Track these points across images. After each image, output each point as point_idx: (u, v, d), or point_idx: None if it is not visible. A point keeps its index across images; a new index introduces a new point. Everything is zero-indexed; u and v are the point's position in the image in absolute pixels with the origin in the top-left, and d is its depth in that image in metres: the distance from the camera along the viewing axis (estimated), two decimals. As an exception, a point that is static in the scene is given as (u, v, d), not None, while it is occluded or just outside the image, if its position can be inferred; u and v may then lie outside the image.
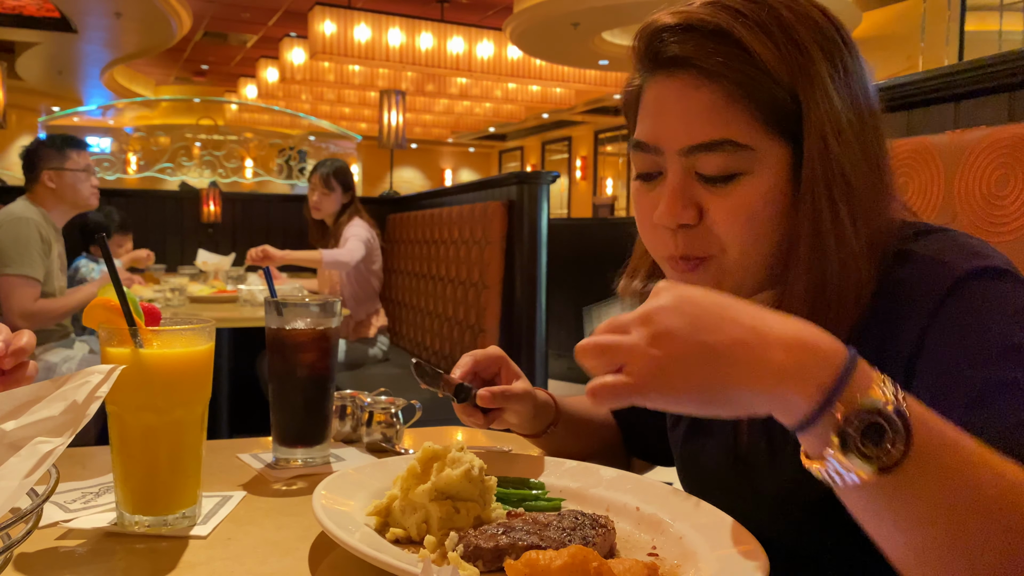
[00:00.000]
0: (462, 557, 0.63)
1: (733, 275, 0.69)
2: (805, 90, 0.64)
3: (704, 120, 0.65)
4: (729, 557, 0.63)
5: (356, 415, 1.04)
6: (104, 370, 0.60)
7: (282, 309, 0.92)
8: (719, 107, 0.65)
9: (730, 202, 0.66)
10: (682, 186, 0.67)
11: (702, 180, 0.67)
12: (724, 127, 0.65)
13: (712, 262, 0.68)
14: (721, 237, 0.67)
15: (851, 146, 0.65)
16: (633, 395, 0.49)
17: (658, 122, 0.69)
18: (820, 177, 0.65)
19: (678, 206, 0.67)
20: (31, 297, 2.62)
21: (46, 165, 2.78)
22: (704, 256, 0.68)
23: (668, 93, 0.68)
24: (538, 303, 2.86)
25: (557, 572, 0.52)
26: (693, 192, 0.67)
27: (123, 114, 13.06)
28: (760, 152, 0.65)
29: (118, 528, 0.70)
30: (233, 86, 13.33)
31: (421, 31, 8.43)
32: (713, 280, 0.69)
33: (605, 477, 0.81)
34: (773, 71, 0.64)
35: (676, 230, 0.68)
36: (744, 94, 0.64)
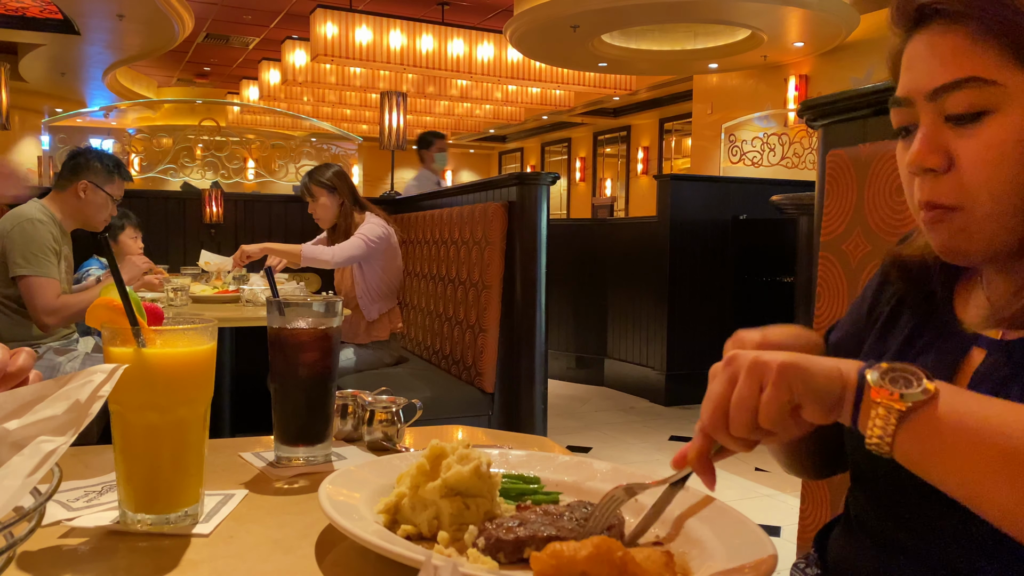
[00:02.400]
0: (483, 550, 0.63)
1: (981, 231, 0.66)
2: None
3: (948, 61, 0.65)
4: (738, 546, 0.63)
5: (357, 414, 1.04)
6: (107, 369, 0.60)
7: (284, 309, 0.92)
8: (963, 48, 0.64)
9: (979, 142, 0.64)
10: (931, 130, 0.66)
11: (952, 123, 0.65)
12: (968, 65, 0.64)
13: (960, 214, 0.66)
14: (970, 185, 0.65)
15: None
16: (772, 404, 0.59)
17: (909, 75, 0.69)
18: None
19: (926, 150, 0.66)
20: (53, 294, 2.63)
21: (90, 177, 2.79)
22: (951, 206, 0.66)
23: (918, 46, 0.68)
24: (538, 303, 2.87)
25: (583, 562, 0.53)
26: (943, 138, 0.66)
27: (126, 115, 13.07)
28: (1010, 88, 0.63)
29: (121, 526, 0.71)
30: (235, 88, 13.34)
31: (422, 33, 8.44)
32: (961, 233, 0.66)
33: (599, 470, 0.82)
34: (1020, 5, 0.62)
35: (924, 176, 0.67)
36: (990, 31, 0.63)
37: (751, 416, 0.60)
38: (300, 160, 6.74)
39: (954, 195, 0.66)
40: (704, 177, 7.71)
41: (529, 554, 0.60)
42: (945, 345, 0.73)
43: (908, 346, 0.76)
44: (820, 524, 0.97)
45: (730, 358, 0.61)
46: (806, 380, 0.59)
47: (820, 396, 0.59)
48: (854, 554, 0.76)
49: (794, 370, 0.59)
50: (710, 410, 0.62)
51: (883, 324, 0.81)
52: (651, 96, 11.88)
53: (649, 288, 5.22)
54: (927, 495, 0.64)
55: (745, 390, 0.60)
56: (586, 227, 6.28)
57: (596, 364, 5.78)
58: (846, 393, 0.59)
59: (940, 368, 0.71)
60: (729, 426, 0.61)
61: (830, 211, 1.19)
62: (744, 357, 0.61)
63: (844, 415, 0.59)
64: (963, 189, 0.65)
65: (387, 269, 3.26)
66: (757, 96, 9.18)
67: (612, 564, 0.54)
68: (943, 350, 0.73)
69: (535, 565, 0.54)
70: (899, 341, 0.77)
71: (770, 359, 0.59)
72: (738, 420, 0.60)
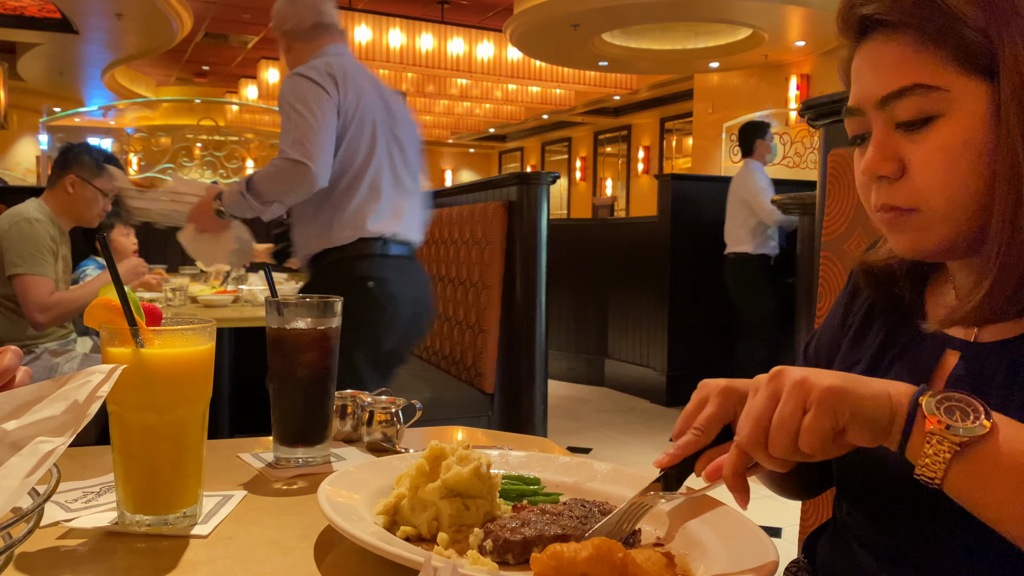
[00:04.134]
0: (491, 551, 0.63)
1: (937, 230, 0.67)
2: (999, 24, 0.63)
3: (893, 69, 0.66)
4: (738, 546, 0.63)
5: (357, 414, 1.04)
6: (105, 370, 0.60)
7: (283, 309, 0.92)
8: (906, 56, 0.65)
9: (929, 147, 0.65)
10: (883, 139, 0.68)
11: (902, 130, 0.67)
12: (912, 73, 0.65)
13: (917, 215, 0.67)
14: (924, 188, 0.66)
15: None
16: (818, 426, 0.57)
17: (858, 85, 0.70)
18: (1016, 113, 0.63)
19: (878, 158, 0.67)
20: (47, 291, 2.63)
21: (78, 171, 2.78)
22: (907, 208, 0.67)
23: (865, 56, 0.69)
24: (538, 303, 2.87)
25: (583, 564, 0.53)
26: (895, 144, 0.67)
27: (124, 115, 13.07)
28: (954, 93, 0.64)
29: (119, 527, 0.71)
30: (234, 87, 13.34)
31: (421, 32, 8.44)
32: (918, 232, 0.68)
33: (599, 471, 0.82)
34: (960, 13, 0.63)
35: (879, 183, 0.68)
36: (930, 39, 0.64)
37: (792, 438, 0.58)
38: (299, 159, 6.75)
39: (909, 198, 0.67)
40: (705, 177, 7.71)
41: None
42: (918, 351, 0.73)
43: (881, 354, 0.77)
44: (821, 525, 0.97)
45: (776, 373, 0.60)
46: (853, 405, 0.57)
47: (868, 422, 0.57)
48: (843, 560, 0.75)
49: (841, 394, 0.56)
50: (750, 427, 0.60)
51: (855, 333, 0.82)
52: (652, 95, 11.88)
53: (650, 288, 5.22)
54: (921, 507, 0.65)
55: (788, 411, 0.58)
56: (586, 227, 6.28)
57: (596, 364, 5.78)
58: (896, 419, 0.57)
59: (914, 374, 0.72)
60: (768, 446, 0.59)
61: (832, 211, 1.19)
62: (790, 375, 0.59)
63: (891, 441, 0.57)
64: (917, 192, 0.67)
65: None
66: (758, 95, 9.18)
67: (612, 565, 0.54)
68: (917, 356, 0.74)
69: (535, 566, 0.54)
70: (872, 350, 0.78)
71: (816, 381, 0.57)
72: (778, 441, 0.58)
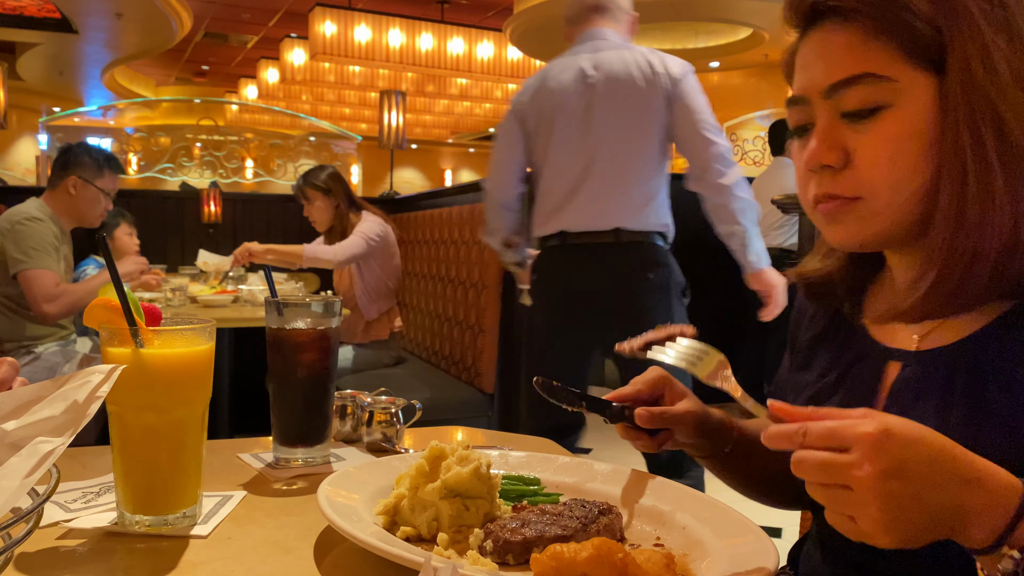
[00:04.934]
0: (491, 552, 0.63)
1: (880, 220, 0.67)
2: (948, 19, 0.63)
3: (842, 57, 0.66)
4: (739, 546, 0.63)
5: (356, 415, 1.04)
6: (105, 370, 0.60)
7: (282, 309, 0.92)
8: (856, 44, 0.65)
9: (874, 137, 0.65)
10: (828, 127, 0.67)
11: (848, 120, 0.67)
12: (862, 62, 0.65)
13: (859, 205, 0.67)
14: (868, 179, 0.66)
15: (1003, 77, 0.62)
16: (862, 538, 0.53)
17: (803, 74, 0.70)
18: (963, 106, 0.63)
19: (824, 147, 0.67)
20: (52, 283, 2.63)
21: (79, 172, 2.77)
22: (849, 197, 0.67)
23: (812, 45, 0.69)
24: (538, 303, 2.86)
25: (583, 564, 0.53)
26: (840, 134, 0.67)
27: (124, 114, 13.06)
28: (903, 84, 0.64)
29: (119, 528, 0.71)
30: (234, 87, 13.33)
31: (421, 32, 8.43)
32: (859, 222, 0.67)
33: (600, 471, 0.82)
34: (912, 5, 0.63)
35: (822, 171, 0.68)
36: (881, 29, 0.64)
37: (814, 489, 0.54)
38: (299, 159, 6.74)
39: (854, 188, 0.67)
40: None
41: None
42: (862, 367, 0.73)
43: (826, 376, 0.77)
44: (821, 525, 0.97)
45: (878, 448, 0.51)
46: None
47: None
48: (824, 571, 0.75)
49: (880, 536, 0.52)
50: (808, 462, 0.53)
51: (803, 356, 0.83)
52: (650, 95, 11.85)
53: (648, 287, 5.21)
54: None
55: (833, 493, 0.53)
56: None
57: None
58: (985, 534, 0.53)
59: (861, 392, 0.72)
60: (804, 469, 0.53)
61: (830, 211, 1.18)
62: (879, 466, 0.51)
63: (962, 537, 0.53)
64: (862, 182, 0.66)
65: (386, 268, 3.26)
66: (758, 95, 9.18)
67: (612, 565, 0.54)
68: (861, 373, 0.73)
69: (535, 566, 0.54)
70: (817, 372, 0.78)
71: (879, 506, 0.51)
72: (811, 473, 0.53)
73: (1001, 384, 0.62)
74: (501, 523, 0.66)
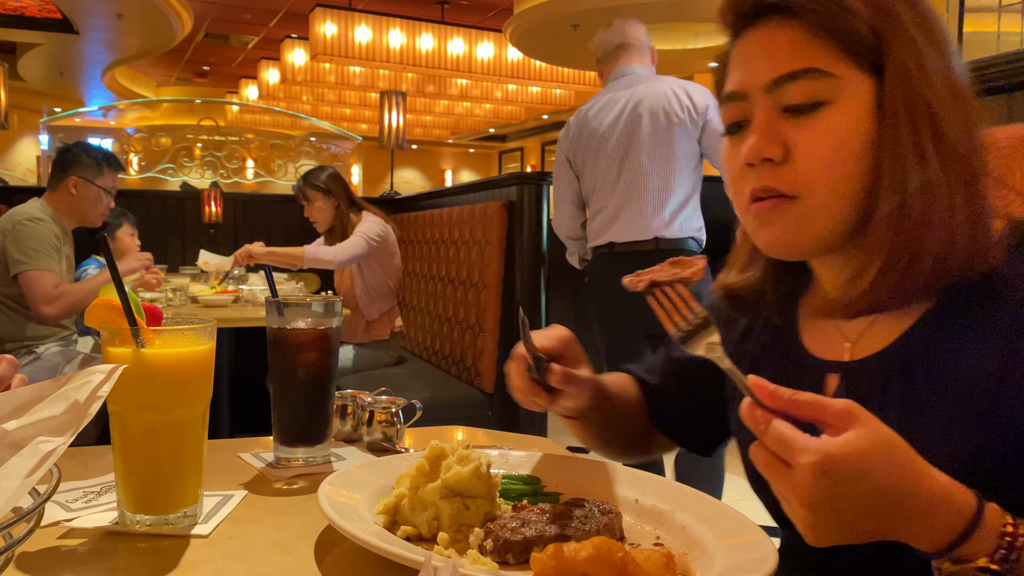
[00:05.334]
0: (491, 551, 0.63)
1: (815, 221, 0.67)
2: (885, 24, 0.65)
3: (787, 53, 0.67)
4: (738, 546, 0.63)
5: (357, 414, 1.04)
6: (106, 370, 0.60)
7: (283, 309, 0.92)
8: (801, 41, 0.66)
9: (815, 132, 0.66)
10: (768, 121, 0.68)
11: (788, 115, 0.67)
12: (807, 57, 0.66)
13: (795, 204, 0.67)
14: (807, 175, 0.66)
15: (935, 80, 0.65)
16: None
17: (744, 68, 0.70)
18: (901, 105, 0.64)
19: (763, 141, 0.67)
20: (51, 284, 2.64)
21: (78, 172, 2.78)
22: (787, 194, 0.67)
23: (753, 40, 0.70)
24: (538, 303, 2.87)
25: (583, 563, 0.53)
26: (780, 128, 0.67)
27: (124, 115, 13.07)
28: (844, 81, 0.66)
29: (119, 527, 0.71)
30: (234, 87, 13.34)
31: (422, 32, 8.44)
32: (794, 225, 0.67)
33: (600, 471, 0.82)
34: (853, 7, 0.65)
35: (760, 166, 0.68)
36: (826, 28, 0.66)
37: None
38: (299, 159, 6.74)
39: (793, 184, 0.67)
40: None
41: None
42: (803, 383, 0.73)
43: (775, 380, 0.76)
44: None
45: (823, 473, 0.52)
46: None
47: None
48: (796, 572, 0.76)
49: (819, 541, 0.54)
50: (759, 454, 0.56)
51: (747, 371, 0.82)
52: (651, 95, 11.85)
53: (649, 288, 5.21)
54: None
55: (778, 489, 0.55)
56: (586, 227, 6.25)
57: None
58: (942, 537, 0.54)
59: None
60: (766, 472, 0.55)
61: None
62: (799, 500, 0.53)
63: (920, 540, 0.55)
64: (800, 179, 0.66)
65: (386, 268, 3.26)
66: (757, 96, 9.18)
67: (612, 565, 0.54)
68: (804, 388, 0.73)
69: (535, 566, 0.54)
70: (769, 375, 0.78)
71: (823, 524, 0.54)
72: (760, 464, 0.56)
73: (932, 384, 0.64)
74: (501, 523, 0.66)
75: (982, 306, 0.64)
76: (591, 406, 0.86)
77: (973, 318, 0.64)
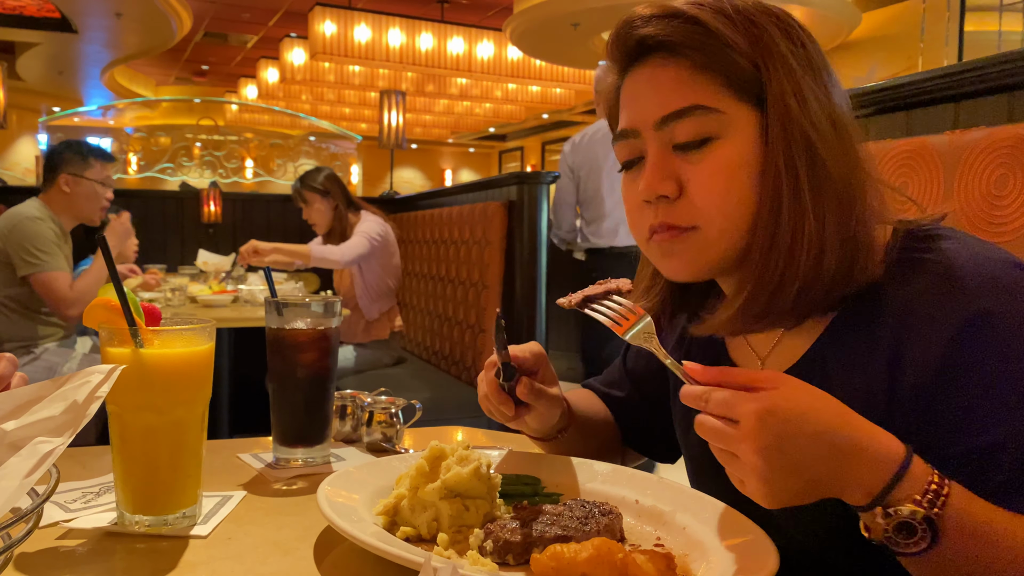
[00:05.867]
0: (491, 552, 0.63)
1: (714, 248, 0.70)
2: (764, 57, 0.68)
3: (673, 91, 0.69)
4: (739, 547, 0.63)
5: (356, 415, 1.04)
6: (104, 370, 0.60)
7: (282, 309, 0.92)
8: (685, 78, 0.69)
9: (706, 167, 0.68)
10: (660, 159, 0.70)
11: (679, 151, 0.70)
12: (692, 94, 0.68)
13: (694, 234, 0.70)
14: (702, 207, 0.69)
15: (813, 110, 0.67)
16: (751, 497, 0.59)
17: (634, 107, 0.73)
18: (780, 137, 0.67)
19: (657, 178, 0.70)
20: (66, 285, 2.65)
21: (67, 169, 2.78)
22: (685, 227, 0.70)
23: (640, 79, 0.72)
24: (538, 303, 2.87)
25: (583, 564, 0.53)
26: (672, 165, 0.70)
27: (123, 114, 13.06)
28: (730, 116, 0.68)
29: (118, 528, 0.71)
30: (233, 86, 13.33)
31: (421, 31, 8.43)
32: (695, 253, 0.70)
33: (599, 472, 0.82)
34: (733, 43, 0.68)
35: (657, 203, 0.71)
36: (708, 64, 0.68)
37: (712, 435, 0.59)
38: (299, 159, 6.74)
39: (688, 217, 0.70)
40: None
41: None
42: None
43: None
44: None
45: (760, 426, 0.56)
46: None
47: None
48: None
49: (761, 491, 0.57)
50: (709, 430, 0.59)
51: (673, 385, 0.88)
52: (650, 95, 11.83)
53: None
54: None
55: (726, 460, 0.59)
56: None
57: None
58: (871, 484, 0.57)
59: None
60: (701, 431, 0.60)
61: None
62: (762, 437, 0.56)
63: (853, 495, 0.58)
64: (696, 211, 0.69)
65: (386, 268, 3.25)
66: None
67: (612, 565, 0.54)
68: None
69: (535, 567, 0.54)
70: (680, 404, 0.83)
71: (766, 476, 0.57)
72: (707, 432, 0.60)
73: (845, 390, 0.65)
74: (501, 523, 0.66)
75: (867, 318, 0.67)
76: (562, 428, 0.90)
77: (861, 331, 0.67)
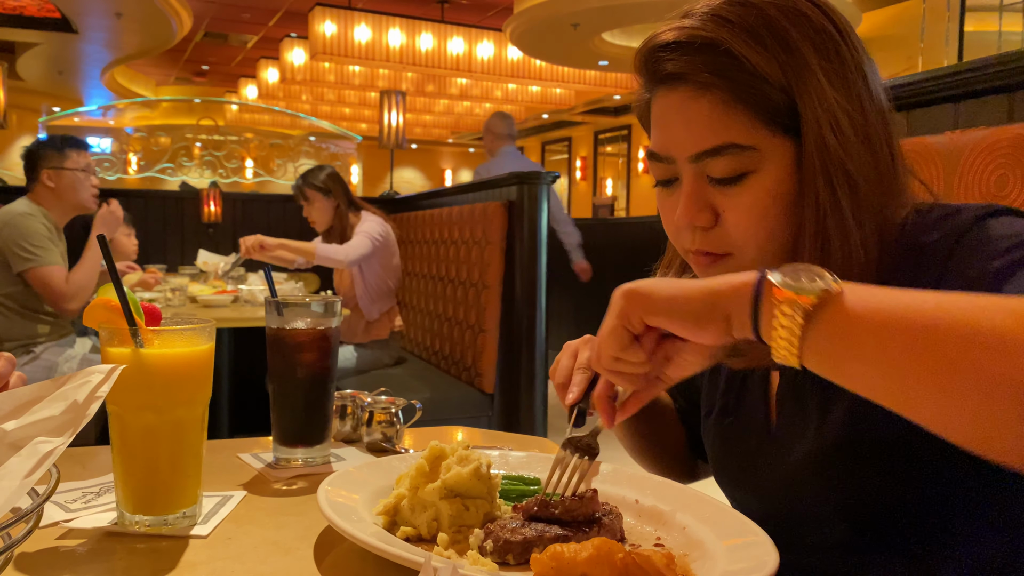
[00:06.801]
0: (491, 552, 0.63)
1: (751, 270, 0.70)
2: (797, 87, 0.67)
3: (705, 127, 0.69)
4: (739, 547, 0.63)
5: (356, 415, 1.04)
6: (104, 370, 0.60)
7: (282, 309, 0.92)
8: (717, 114, 0.68)
9: (742, 201, 0.69)
10: (696, 190, 0.71)
11: (714, 183, 0.70)
12: (725, 132, 0.68)
13: (731, 260, 0.71)
14: (737, 238, 0.70)
15: (849, 137, 0.67)
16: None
17: (665, 133, 0.73)
18: (819, 170, 0.67)
19: (693, 209, 0.71)
20: (61, 279, 2.65)
21: (46, 164, 2.79)
22: (723, 253, 0.72)
23: (670, 105, 0.72)
24: (538, 303, 2.87)
25: (583, 564, 0.53)
26: (707, 195, 0.71)
27: (124, 114, 13.06)
28: (764, 150, 0.68)
29: (118, 528, 0.71)
30: (233, 86, 13.33)
31: (421, 32, 8.43)
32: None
33: (600, 471, 0.81)
34: (764, 73, 0.67)
35: (694, 231, 0.72)
36: (739, 99, 0.67)
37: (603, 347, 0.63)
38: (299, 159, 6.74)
39: (723, 245, 0.71)
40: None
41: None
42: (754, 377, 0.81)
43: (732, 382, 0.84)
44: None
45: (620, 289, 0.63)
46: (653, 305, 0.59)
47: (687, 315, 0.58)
48: None
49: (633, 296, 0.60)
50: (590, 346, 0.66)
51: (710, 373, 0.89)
52: (650, 95, 11.83)
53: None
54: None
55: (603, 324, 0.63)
56: (587, 226, 6.27)
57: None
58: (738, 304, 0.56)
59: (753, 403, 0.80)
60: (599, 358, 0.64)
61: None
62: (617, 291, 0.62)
63: (741, 326, 0.56)
64: (731, 241, 0.71)
65: (386, 268, 3.25)
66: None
67: (613, 566, 0.53)
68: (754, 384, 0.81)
69: (535, 567, 0.54)
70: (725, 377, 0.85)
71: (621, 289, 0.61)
72: (597, 351, 0.64)
73: None
74: (501, 523, 0.66)
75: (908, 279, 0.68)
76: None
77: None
